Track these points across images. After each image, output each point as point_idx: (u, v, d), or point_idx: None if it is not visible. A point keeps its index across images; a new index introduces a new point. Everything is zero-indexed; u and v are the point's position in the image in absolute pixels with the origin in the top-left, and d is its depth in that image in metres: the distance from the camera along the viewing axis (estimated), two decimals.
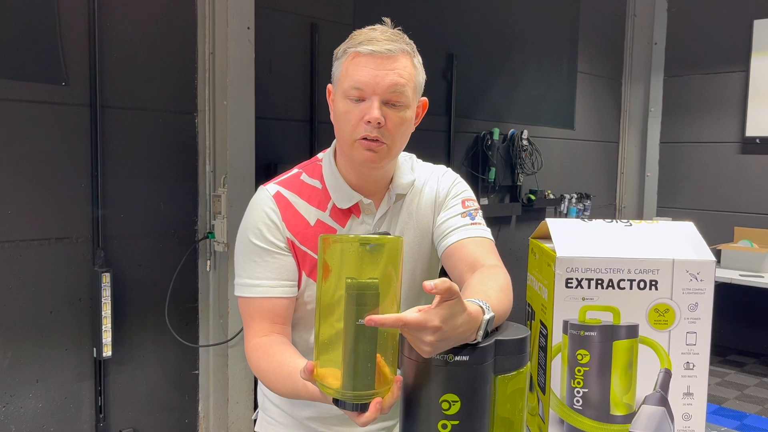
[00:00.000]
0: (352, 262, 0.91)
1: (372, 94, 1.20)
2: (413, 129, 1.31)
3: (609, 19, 5.32)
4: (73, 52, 2.43)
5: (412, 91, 1.24)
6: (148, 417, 2.74)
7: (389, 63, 1.20)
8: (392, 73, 1.20)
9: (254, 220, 1.30)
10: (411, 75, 1.23)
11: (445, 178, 1.39)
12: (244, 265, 1.30)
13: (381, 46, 1.20)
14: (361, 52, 1.21)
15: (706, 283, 1.11)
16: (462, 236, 1.30)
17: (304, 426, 1.39)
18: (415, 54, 1.27)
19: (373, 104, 1.20)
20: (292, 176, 1.35)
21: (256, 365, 1.25)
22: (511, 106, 4.47)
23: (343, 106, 1.23)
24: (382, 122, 1.20)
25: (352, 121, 1.22)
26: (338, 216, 1.32)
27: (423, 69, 1.29)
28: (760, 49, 4.91)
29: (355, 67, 1.21)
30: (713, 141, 5.23)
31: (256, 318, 1.28)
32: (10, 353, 2.35)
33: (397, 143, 1.25)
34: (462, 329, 0.92)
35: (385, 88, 1.20)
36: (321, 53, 3.19)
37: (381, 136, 1.21)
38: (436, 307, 0.89)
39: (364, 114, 1.21)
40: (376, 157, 1.24)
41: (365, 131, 1.21)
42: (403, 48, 1.23)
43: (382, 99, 1.20)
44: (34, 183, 2.38)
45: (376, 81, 1.19)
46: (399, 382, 0.95)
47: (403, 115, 1.23)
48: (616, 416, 1.13)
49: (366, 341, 0.90)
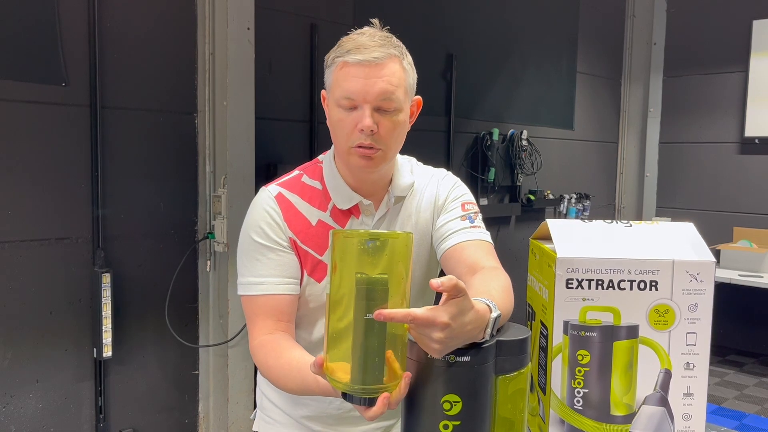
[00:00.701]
0: (362, 257, 0.91)
1: (363, 102, 1.20)
2: (408, 129, 1.31)
3: (608, 20, 5.32)
4: (73, 52, 2.43)
5: (404, 94, 1.24)
6: (148, 417, 2.74)
7: (377, 71, 1.20)
8: (381, 80, 1.20)
9: (256, 219, 1.31)
10: (401, 79, 1.23)
11: (444, 182, 1.40)
12: (248, 264, 1.30)
13: (368, 54, 1.20)
14: (349, 61, 1.21)
15: (706, 284, 1.11)
16: (461, 239, 1.31)
17: (301, 425, 1.40)
18: (404, 56, 1.26)
19: (364, 112, 1.20)
20: (293, 178, 1.36)
21: (262, 362, 1.25)
22: (511, 106, 4.47)
23: (337, 114, 1.24)
24: (375, 129, 1.21)
25: (346, 129, 1.23)
26: (338, 216, 1.33)
27: (414, 69, 1.29)
28: (759, 50, 4.92)
29: (345, 77, 1.21)
30: (712, 141, 5.23)
31: (260, 315, 1.28)
32: (10, 353, 2.35)
33: (392, 147, 1.26)
34: (470, 326, 0.92)
35: (375, 96, 1.20)
36: (321, 54, 3.19)
37: (375, 142, 1.22)
38: (444, 304, 0.90)
39: (357, 122, 1.21)
40: (373, 164, 1.25)
41: (359, 139, 1.22)
42: (390, 53, 1.22)
43: (373, 106, 1.21)
44: (34, 183, 2.38)
45: (365, 90, 1.20)
46: (408, 377, 0.95)
47: (395, 119, 1.24)
48: (617, 416, 1.13)
49: (375, 336, 0.90)
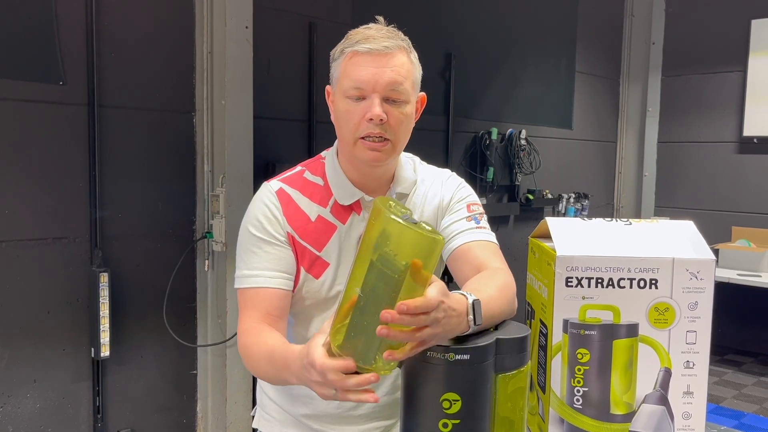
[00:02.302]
0: (403, 240, 0.90)
1: (372, 91, 1.21)
2: (413, 125, 1.31)
3: (607, 19, 5.32)
4: (70, 51, 2.42)
5: (411, 86, 1.25)
6: (146, 417, 2.74)
7: (387, 60, 1.21)
8: (391, 70, 1.21)
9: (255, 213, 1.31)
10: (409, 71, 1.24)
11: (449, 183, 1.40)
12: (244, 257, 1.31)
13: (378, 43, 1.21)
14: (359, 50, 1.21)
15: (706, 282, 1.11)
16: (467, 239, 1.31)
17: (300, 423, 1.40)
18: (411, 50, 1.28)
19: (374, 102, 1.21)
20: (295, 173, 1.37)
21: (242, 345, 1.26)
22: (510, 105, 4.47)
23: (344, 105, 1.24)
24: (384, 119, 1.21)
25: (354, 119, 1.23)
26: (339, 212, 1.32)
27: (419, 64, 1.30)
28: (757, 49, 4.92)
29: (354, 66, 1.22)
30: (711, 141, 5.23)
31: (250, 307, 1.28)
32: (7, 353, 2.35)
33: (400, 139, 1.27)
34: (451, 315, 0.94)
35: (385, 85, 1.21)
36: (319, 53, 3.18)
37: (384, 132, 1.22)
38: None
39: (366, 112, 1.21)
40: (382, 156, 1.25)
41: (367, 129, 1.22)
42: (399, 44, 1.24)
43: (382, 96, 1.21)
44: (32, 183, 2.37)
45: (375, 79, 1.20)
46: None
47: (404, 110, 1.24)
48: (616, 415, 1.13)
49: (371, 315, 0.90)
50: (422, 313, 0.90)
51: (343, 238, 1.31)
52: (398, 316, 0.88)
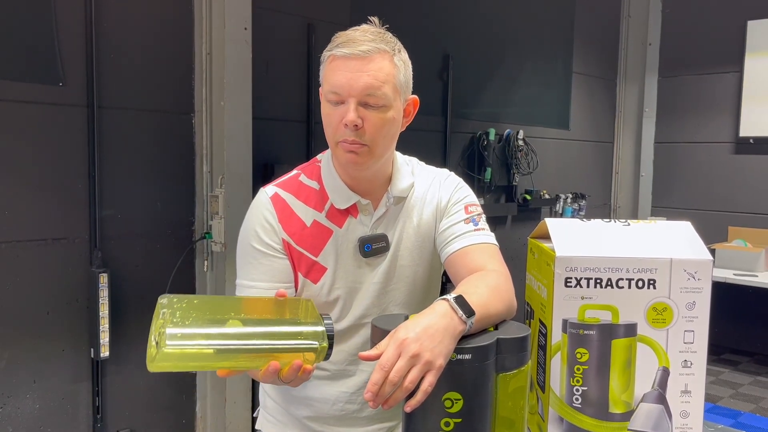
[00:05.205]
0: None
1: (348, 96, 1.20)
2: (401, 128, 1.30)
3: (604, 20, 5.34)
4: (70, 52, 2.43)
5: (393, 90, 1.23)
6: (145, 417, 2.74)
7: (364, 65, 1.20)
8: (367, 75, 1.19)
9: (252, 223, 1.32)
10: (389, 75, 1.22)
11: (447, 183, 1.39)
12: (243, 266, 1.32)
13: (356, 47, 1.20)
14: (337, 54, 1.21)
15: (703, 282, 1.12)
16: (465, 243, 1.30)
17: (302, 425, 1.41)
18: (397, 52, 1.25)
19: (349, 107, 1.20)
20: (291, 178, 1.37)
21: None
22: (507, 106, 4.48)
23: (325, 109, 1.25)
24: (359, 124, 1.20)
25: (333, 123, 1.23)
26: (335, 216, 1.32)
27: (409, 66, 1.28)
28: (753, 50, 4.94)
29: (332, 70, 1.22)
30: (707, 141, 5.25)
31: None
32: (6, 354, 2.35)
33: (379, 144, 1.24)
34: (436, 320, 0.99)
35: (360, 90, 1.19)
36: (318, 54, 3.14)
37: (358, 138, 1.21)
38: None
39: (343, 117, 1.21)
40: (358, 159, 1.24)
41: (344, 134, 1.22)
42: (379, 48, 1.21)
43: (358, 101, 1.20)
44: (31, 183, 2.37)
45: (350, 84, 1.19)
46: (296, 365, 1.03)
47: (383, 116, 1.22)
48: (615, 414, 1.14)
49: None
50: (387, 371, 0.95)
51: (339, 242, 1.31)
52: (372, 395, 0.95)
